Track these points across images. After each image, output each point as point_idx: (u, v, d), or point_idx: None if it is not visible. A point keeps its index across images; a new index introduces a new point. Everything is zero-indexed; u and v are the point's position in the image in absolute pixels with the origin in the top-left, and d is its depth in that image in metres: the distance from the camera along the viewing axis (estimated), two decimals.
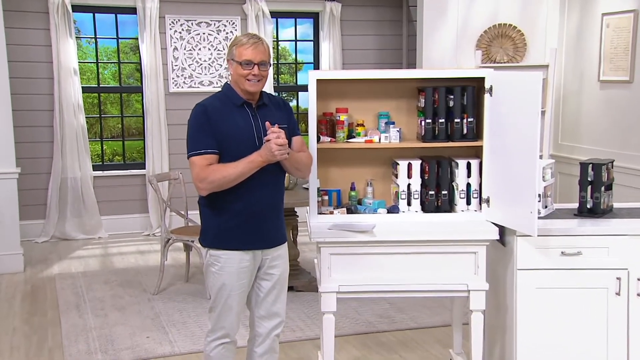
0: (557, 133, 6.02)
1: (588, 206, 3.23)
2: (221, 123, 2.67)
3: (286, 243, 2.91)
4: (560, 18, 5.92)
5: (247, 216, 2.73)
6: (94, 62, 7.16)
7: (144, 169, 6.87)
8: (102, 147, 7.18)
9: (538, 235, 2.91)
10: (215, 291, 2.79)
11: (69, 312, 4.61)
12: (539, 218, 3.02)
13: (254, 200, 2.72)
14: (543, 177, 3.19)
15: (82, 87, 6.65)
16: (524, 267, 3.02)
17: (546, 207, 3.26)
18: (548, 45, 5.88)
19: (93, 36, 6.89)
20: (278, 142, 2.60)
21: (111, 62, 7.85)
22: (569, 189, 5.65)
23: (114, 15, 6.80)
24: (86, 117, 6.71)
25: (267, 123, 2.65)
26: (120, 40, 7.01)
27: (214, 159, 2.66)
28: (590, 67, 5.60)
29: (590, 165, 3.23)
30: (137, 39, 6.80)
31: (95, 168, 6.80)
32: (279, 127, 2.65)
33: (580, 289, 3.03)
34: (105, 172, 6.89)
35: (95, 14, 6.77)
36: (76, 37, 6.66)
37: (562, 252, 3.01)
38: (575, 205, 3.34)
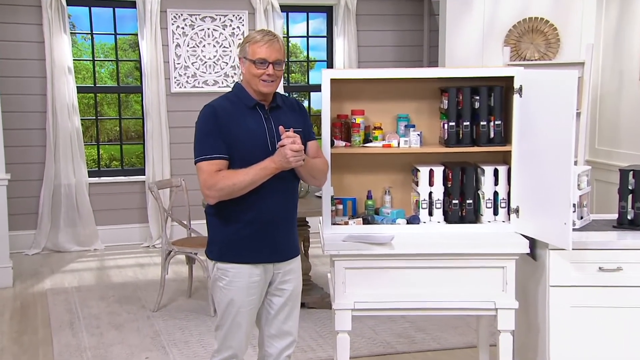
0: (594, 137, 5.99)
1: (629, 217, 3.21)
2: (232, 126, 2.67)
3: (299, 256, 2.92)
4: (598, 11, 5.89)
5: (259, 226, 2.73)
6: (90, 60, 7.23)
7: (144, 175, 6.91)
8: (98, 152, 7.23)
9: (573, 249, 2.89)
10: (222, 308, 2.79)
11: (61, 330, 4.64)
12: (574, 230, 3.00)
13: (266, 209, 2.72)
14: (578, 185, 3.17)
15: (77, 87, 6.71)
16: (557, 284, 3.01)
17: (582, 218, 3.24)
18: (584, 40, 5.86)
19: (89, 32, 6.96)
20: (293, 147, 2.60)
21: (108, 60, 7.93)
22: (607, 198, 5.61)
23: (111, 9, 6.87)
24: (81, 119, 6.76)
25: (280, 127, 2.65)
26: (118, 36, 7.07)
27: (224, 165, 2.66)
28: (630, 64, 5.57)
29: (631, 172, 3.21)
30: (136, 35, 6.86)
31: (90, 174, 6.85)
32: (294, 131, 2.66)
33: (620, 309, 3.01)
34: (101, 178, 6.94)
35: (92, 8, 6.84)
36: (71, 32, 6.72)
37: (599, 268, 3.00)
38: (615, 216, 3.32)
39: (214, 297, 2.88)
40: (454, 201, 3.23)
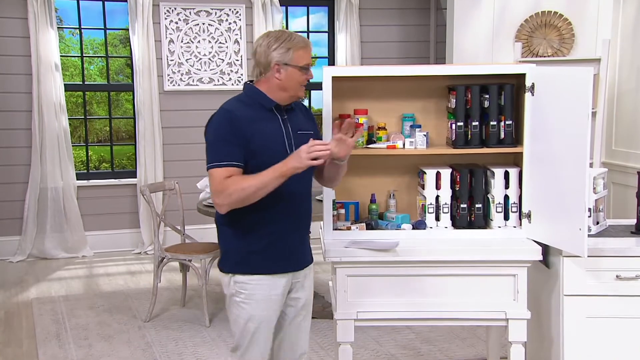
0: (611, 137, 5.98)
1: None
2: (250, 130, 2.63)
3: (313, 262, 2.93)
4: (615, 4, 5.89)
5: (279, 234, 2.72)
6: (78, 56, 7.24)
7: (135, 177, 6.92)
8: (87, 153, 7.24)
9: (588, 256, 2.89)
10: (241, 325, 2.75)
11: (47, 342, 4.64)
12: (590, 236, 3.01)
13: (286, 215, 2.71)
14: (594, 188, 3.17)
15: (65, 85, 6.73)
16: (571, 293, 3.01)
17: (598, 223, 3.24)
18: (600, 36, 5.86)
19: (77, 27, 6.97)
20: (320, 149, 2.53)
21: (98, 57, 7.95)
22: (624, 202, 5.61)
23: (101, 2, 6.88)
24: (69, 118, 6.78)
25: (311, 140, 2.59)
26: (108, 31, 7.09)
27: (237, 172, 2.61)
28: None
29: None
30: (127, 30, 6.87)
31: (79, 177, 6.86)
32: (308, 135, 2.70)
33: (638, 319, 3.01)
34: (90, 181, 6.95)
35: (80, 2, 6.86)
36: (58, 27, 6.74)
37: (617, 276, 3.00)
38: (632, 221, 3.33)
39: (229, 315, 2.82)
40: (462, 205, 3.23)
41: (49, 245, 6.67)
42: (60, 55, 6.67)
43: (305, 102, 7.67)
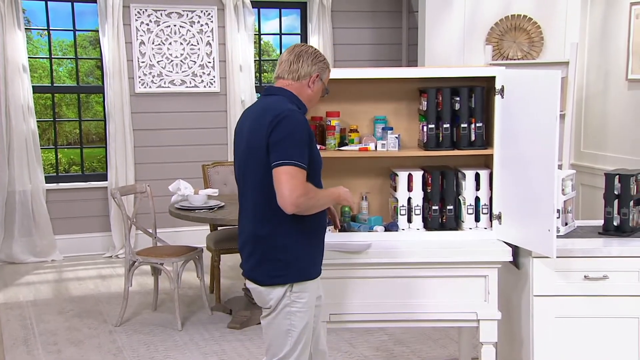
0: (579, 139, 6.07)
1: (615, 223, 3.27)
2: (311, 136, 2.68)
3: None
4: (583, 8, 5.99)
5: (322, 237, 2.81)
6: (46, 58, 7.16)
7: (106, 180, 6.86)
8: (56, 156, 7.16)
9: (557, 257, 2.93)
10: (295, 336, 2.70)
11: (15, 348, 4.58)
12: (558, 237, 3.05)
13: (323, 217, 2.81)
14: (562, 190, 3.22)
15: (33, 87, 6.64)
16: (541, 293, 3.04)
17: (566, 224, 3.29)
18: (568, 39, 5.94)
19: (45, 28, 6.89)
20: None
21: (67, 58, 7.86)
22: (592, 203, 5.70)
23: (69, 3, 6.80)
24: (37, 121, 6.69)
25: None
26: (77, 32, 7.01)
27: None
28: (617, 64, 5.66)
29: (617, 176, 3.27)
30: (97, 31, 6.81)
31: (48, 180, 6.77)
32: None
33: (607, 319, 3.06)
34: (60, 184, 6.87)
35: (48, 2, 6.77)
36: (26, 28, 6.65)
37: (585, 276, 3.04)
38: (600, 222, 3.38)
39: (275, 328, 2.73)
40: (433, 207, 3.26)
41: (17, 249, 6.57)
42: (28, 57, 6.58)
43: None
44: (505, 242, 3.12)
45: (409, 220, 3.27)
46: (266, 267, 2.69)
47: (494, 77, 3.13)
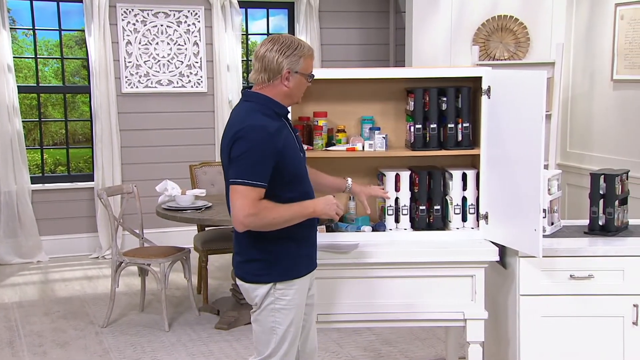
0: (565, 140, 6.11)
1: (600, 223, 3.29)
2: (281, 143, 2.61)
3: None
4: (568, 9, 6.03)
5: (314, 233, 2.81)
6: (32, 58, 7.11)
7: (92, 181, 6.82)
8: (42, 156, 7.12)
9: (543, 256, 2.95)
10: (280, 333, 2.72)
11: (0, 350, 4.55)
12: (544, 236, 3.07)
13: (311, 219, 2.78)
14: (548, 189, 3.24)
15: (18, 87, 6.60)
16: (527, 293, 3.06)
17: (552, 224, 3.31)
18: (554, 40, 5.98)
19: (31, 27, 6.84)
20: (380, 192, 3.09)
21: (53, 58, 7.81)
22: (578, 203, 5.73)
23: (55, 3, 6.76)
24: (23, 121, 6.65)
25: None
26: (63, 32, 6.97)
27: (263, 195, 2.60)
28: (602, 64, 5.70)
29: (602, 176, 3.29)
30: (83, 31, 6.77)
31: (34, 180, 6.73)
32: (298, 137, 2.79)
33: (592, 318, 3.08)
34: (45, 185, 6.83)
35: (34, 2, 6.73)
36: (11, 28, 6.61)
37: (570, 276, 3.06)
38: (586, 222, 3.39)
39: (260, 326, 2.75)
40: (421, 207, 3.27)
41: (2, 250, 6.53)
42: (13, 57, 6.54)
43: None
44: (492, 242, 3.13)
45: (397, 220, 3.27)
46: (251, 266, 2.73)
47: (480, 78, 3.15)
